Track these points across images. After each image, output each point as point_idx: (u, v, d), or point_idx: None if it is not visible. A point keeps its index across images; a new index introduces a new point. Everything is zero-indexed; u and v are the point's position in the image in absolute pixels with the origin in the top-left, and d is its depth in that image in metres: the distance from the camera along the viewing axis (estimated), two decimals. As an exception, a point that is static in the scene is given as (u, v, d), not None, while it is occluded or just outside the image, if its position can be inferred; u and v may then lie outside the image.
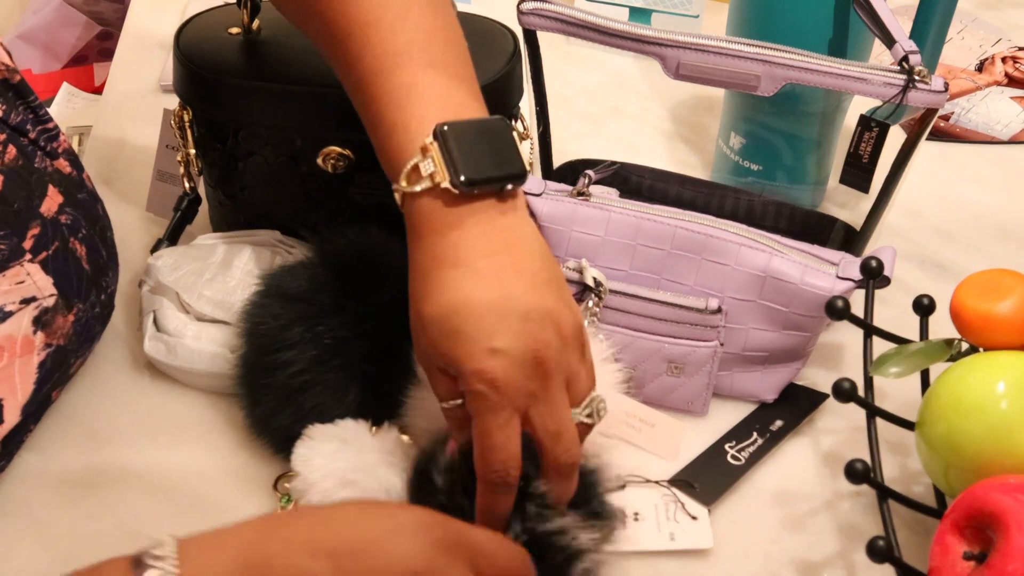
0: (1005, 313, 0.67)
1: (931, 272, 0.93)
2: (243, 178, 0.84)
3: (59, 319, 0.70)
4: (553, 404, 0.58)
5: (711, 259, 0.76)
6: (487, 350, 0.56)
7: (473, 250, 0.58)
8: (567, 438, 0.59)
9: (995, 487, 0.61)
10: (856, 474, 0.67)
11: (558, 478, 0.60)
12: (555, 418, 0.58)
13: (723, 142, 0.97)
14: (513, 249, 0.59)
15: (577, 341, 0.60)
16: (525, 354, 0.57)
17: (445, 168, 0.58)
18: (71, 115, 1.30)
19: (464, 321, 0.57)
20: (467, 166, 0.58)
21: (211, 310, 0.78)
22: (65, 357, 0.73)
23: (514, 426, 0.57)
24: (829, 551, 0.71)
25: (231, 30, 0.82)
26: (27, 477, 0.74)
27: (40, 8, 1.52)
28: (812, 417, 0.80)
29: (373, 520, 0.52)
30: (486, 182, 0.58)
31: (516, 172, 0.60)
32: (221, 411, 0.78)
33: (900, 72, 0.73)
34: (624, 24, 0.77)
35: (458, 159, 0.58)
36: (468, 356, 0.57)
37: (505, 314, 0.57)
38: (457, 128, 0.59)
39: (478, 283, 0.57)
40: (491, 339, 0.56)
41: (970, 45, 1.22)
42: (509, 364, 0.56)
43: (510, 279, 0.58)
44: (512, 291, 0.57)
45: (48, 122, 0.73)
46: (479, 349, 0.56)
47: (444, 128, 0.58)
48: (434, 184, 0.58)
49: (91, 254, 0.74)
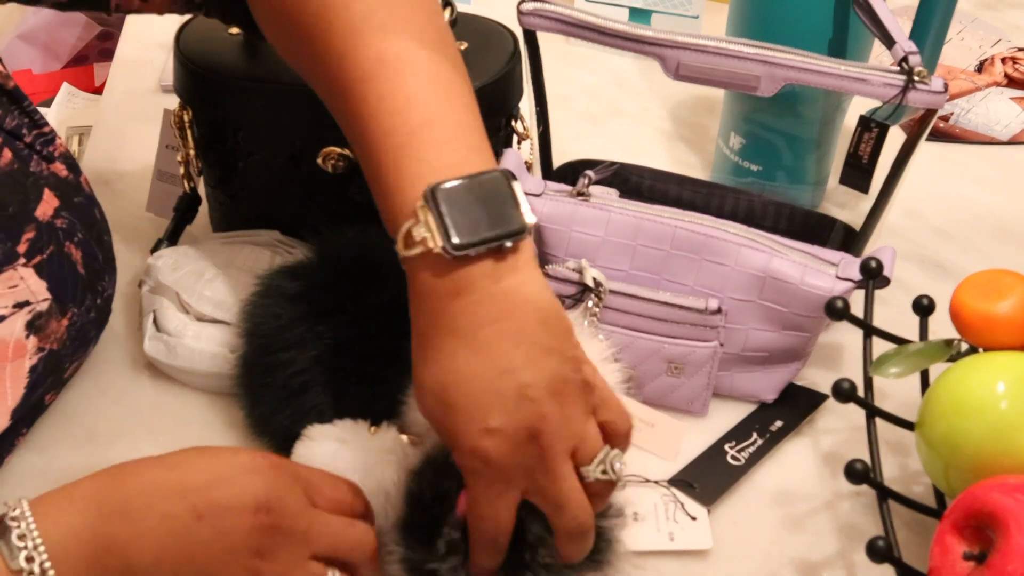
0: (1005, 313, 0.67)
1: (931, 272, 0.93)
2: (243, 178, 0.84)
3: (52, 324, 0.70)
4: (553, 475, 0.57)
5: (711, 259, 0.76)
6: (481, 430, 0.55)
7: (471, 319, 0.56)
8: (573, 507, 0.58)
9: (995, 487, 0.61)
10: (856, 474, 0.67)
11: (568, 543, 0.60)
12: (556, 490, 0.57)
13: (723, 142, 0.97)
14: (513, 315, 0.57)
15: (581, 401, 0.58)
16: (520, 431, 0.56)
17: (437, 232, 0.56)
18: (71, 115, 1.30)
19: (458, 397, 0.56)
20: (459, 229, 0.56)
21: (211, 310, 0.78)
22: (59, 362, 0.72)
23: (507, 499, 0.57)
24: (829, 551, 0.71)
25: (231, 30, 0.82)
26: (27, 477, 0.74)
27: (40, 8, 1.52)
28: (812, 417, 0.80)
29: (217, 459, 0.58)
30: (480, 243, 0.56)
31: (513, 229, 0.57)
32: (221, 411, 0.78)
33: (900, 72, 0.73)
34: (624, 24, 0.77)
35: (449, 222, 0.56)
36: (462, 433, 0.56)
37: (500, 392, 0.55)
38: (449, 189, 0.57)
39: (474, 356, 0.56)
40: (485, 419, 0.55)
41: (970, 46, 1.22)
42: (503, 443, 0.55)
43: (507, 350, 0.56)
44: (509, 364, 0.56)
45: (44, 126, 0.73)
46: (473, 428, 0.56)
47: (435, 190, 0.56)
48: (427, 249, 0.56)
49: (87, 258, 0.74)
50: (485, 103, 0.80)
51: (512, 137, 0.86)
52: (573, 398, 0.57)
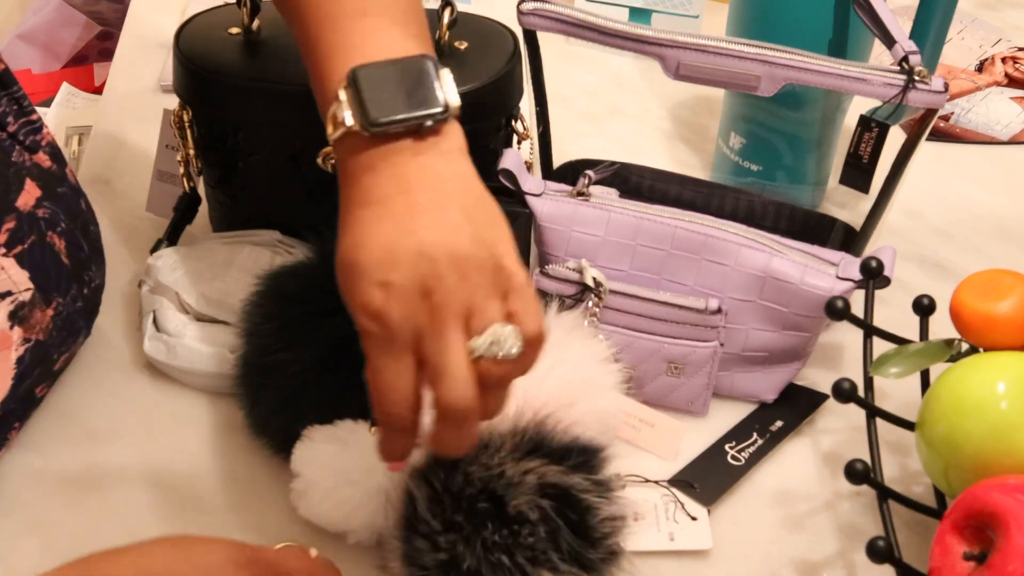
0: (1005, 313, 0.67)
1: (931, 272, 0.93)
2: (243, 178, 0.84)
3: (37, 313, 0.70)
4: (442, 341, 0.54)
5: (711, 259, 0.76)
6: (374, 282, 0.55)
7: (384, 189, 0.57)
8: (451, 378, 0.54)
9: (995, 487, 0.61)
10: (856, 474, 0.67)
11: (445, 424, 0.55)
12: (440, 357, 0.54)
13: (723, 142, 0.97)
14: (427, 188, 0.56)
15: (486, 279, 0.56)
16: (412, 286, 0.55)
17: (356, 112, 0.57)
18: (71, 115, 1.30)
19: (360, 256, 0.56)
20: (376, 107, 0.56)
21: (211, 310, 0.78)
22: (46, 352, 0.72)
23: (405, 364, 0.55)
24: (829, 551, 0.71)
25: (231, 30, 0.82)
26: (27, 477, 0.74)
27: (40, 8, 1.52)
28: (812, 417, 0.80)
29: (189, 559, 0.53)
30: (398, 121, 0.57)
31: (434, 111, 0.57)
32: (221, 411, 0.78)
33: (900, 72, 0.73)
34: (624, 24, 0.77)
35: (367, 101, 0.57)
36: (356, 289, 0.56)
37: (398, 249, 0.55)
38: (369, 70, 0.57)
39: (381, 220, 0.56)
40: (380, 271, 0.55)
41: (970, 45, 1.22)
42: (394, 297, 0.55)
43: (415, 215, 0.56)
44: (413, 227, 0.55)
45: (32, 114, 0.73)
46: (367, 282, 0.55)
47: (356, 71, 0.57)
48: (348, 129, 0.57)
49: (71, 248, 0.73)
50: (485, 103, 0.81)
51: (512, 137, 0.86)
52: (477, 272, 0.56)
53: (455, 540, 0.60)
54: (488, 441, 0.63)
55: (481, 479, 0.61)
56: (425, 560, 0.61)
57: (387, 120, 0.57)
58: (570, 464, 0.63)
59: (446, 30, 0.81)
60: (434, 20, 0.82)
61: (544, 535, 0.60)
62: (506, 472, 0.61)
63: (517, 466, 0.62)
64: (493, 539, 0.60)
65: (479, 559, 0.60)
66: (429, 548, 0.61)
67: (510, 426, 0.64)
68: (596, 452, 0.65)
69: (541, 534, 0.60)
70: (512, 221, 0.78)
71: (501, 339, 0.55)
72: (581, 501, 0.62)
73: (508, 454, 0.62)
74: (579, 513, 0.62)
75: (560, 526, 0.61)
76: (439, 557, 0.61)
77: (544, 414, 0.65)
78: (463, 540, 0.60)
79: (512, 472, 0.61)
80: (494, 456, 0.62)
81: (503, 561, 0.60)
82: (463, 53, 0.82)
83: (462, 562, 0.60)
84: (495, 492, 0.61)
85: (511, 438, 0.63)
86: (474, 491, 0.61)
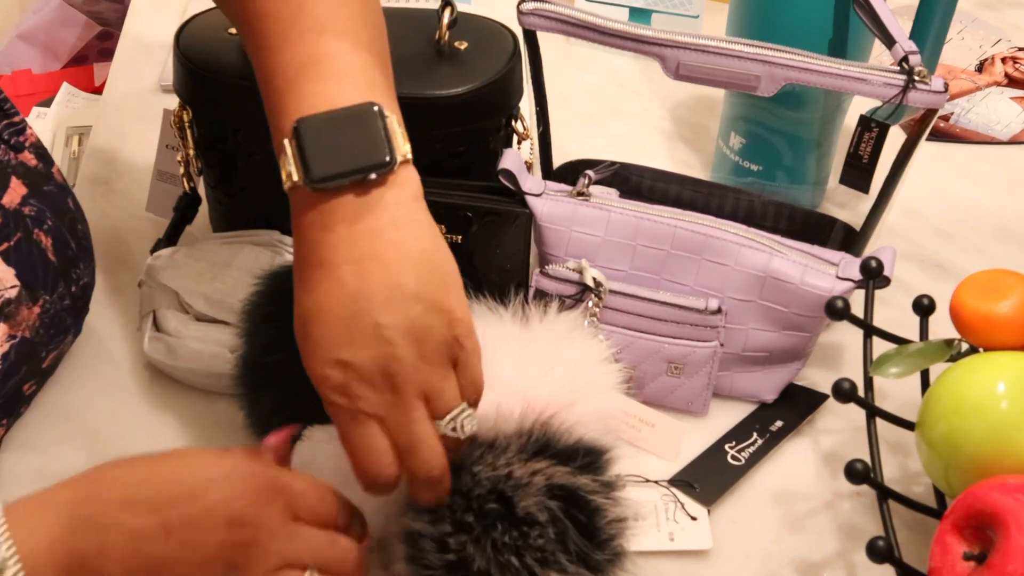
0: (1005, 313, 0.67)
1: (931, 272, 0.93)
2: (243, 178, 0.84)
3: (23, 311, 0.70)
4: (407, 417, 0.57)
5: (711, 259, 0.76)
6: (330, 360, 0.56)
7: (335, 253, 0.57)
8: (425, 451, 0.58)
9: (995, 487, 0.61)
10: (856, 474, 0.67)
11: (420, 488, 0.59)
12: (408, 432, 0.57)
13: (723, 142, 0.97)
14: (379, 257, 0.56)
15: (441, 355, 0.57)
16: (371, 367, 0.56)
17: (299, 166, 0.57)
18: (71, 115, 1.30)
19: (315, 327, 0.56)
20: (318, 163, 0.56)
21: (211, 310, 0.78)
22: (33, 349, 0.72)
23: (374, 429, 0.57)
24: (829, 551, 0.71)
25: (231, 30, 0.82)
26: (27, 477, 0.74)
27: (40, 8, 1.51)
28: (812, 417, 0.80)
29: (193, 470, 0.56)
30: (340, 176, 0.56)
31: (375, 162, 0.56)
32: (221, 411, 0.78)
33: (900, 72, 0.73)
34: (624, 24, 0.77)
35: (309, 155, 0.56)
36: (313, 361, 0.57)
37: (354, 327, 0.56)
38: (313, 122, 0.57)
39: (334, 289, 0.56)
40: (334, 351, 0.56)
41: (970, 45, 1.22)
42: (354, 376, 0.56)
43: (368, 289, 0.56)
44: (369, 303, 0.56)
45: (14, 116, 0.74)
46: (323, 357, 0.56)
47: (300, 123, 0.57)
48: (294, 183, 0.57)
49: (58, 245, 0.73)
50: (485, 103, 0.81)
51: (512, 137, 0.86)
52: (433, 347, 0.57)
53: (465, 541, 0.60)
54: (494, 442, 0.63)
55: (489, 479, 0.61)
56: (432, 560, 0.61)
57: (329, 175, 0.56)
58: (577, 465, 0.63)
59: (446, 30, 0.81)
60: (434, 20, 0.82)
61: (553, 536, 0.60)
62: (514, 473, 0.61)
63: (525, 467, 0.62)
64: (503, 540, 0.60)
65: (488, 560, 0.60)
66: (436, 549, 0.61)
67: (515, 427, 0.64)
68: (602, 453, 0.65)
69: (550, 535, 0.60)
70: (512, 221, 0.78)
71: (461, 424, 0.59)
72: (589, 502, 0.62)
73: (515, 455, 0.62)
74: (587, 514, 0.62)
75: (568, 527, 0.61)
76: (447, 558, 0.61)
77: (549, 415, 0.65)
78: (473, 541, 0.60)
79: (520, 473, 0.61)
80: (500, 457, 0.62)
81: (512, 562, 0.60)
82: (463, 53, 0.82)
83: (471, 563, 0.60)
84: (504, 493, 0.61)
85: (517, 439, 0.63)
86: (483, 492, 0.61)
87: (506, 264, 0.80)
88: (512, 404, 0.65)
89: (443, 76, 0.80)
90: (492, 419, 0.64)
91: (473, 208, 0.78)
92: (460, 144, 0.81)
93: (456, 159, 0.81)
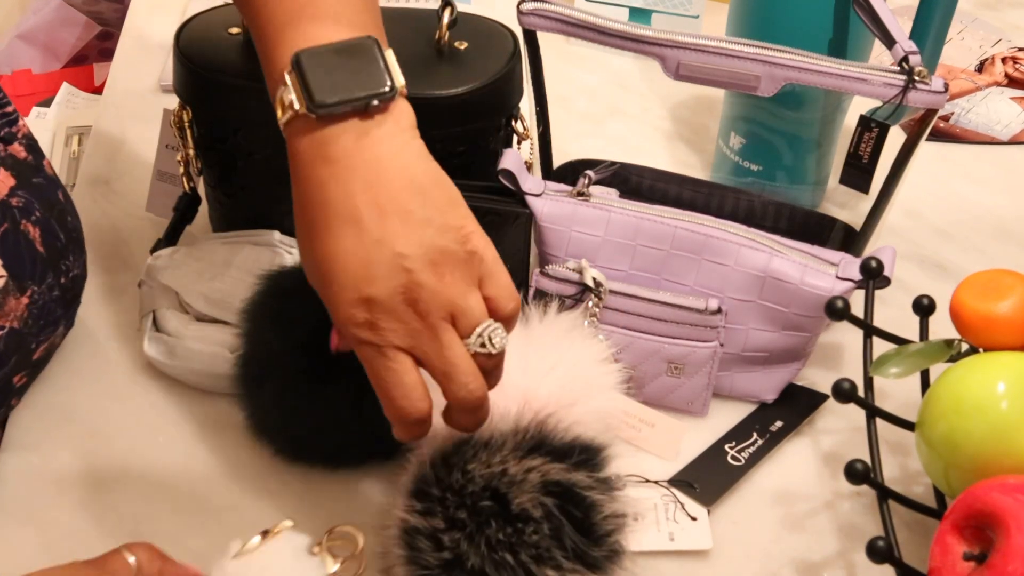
0: (1005, 313, 0.67)
1: (931, 272, 0.93)
2: (243, 178, 0.84)
3: (11, 301, 0.70)
4: (438, 342, 0.57)
5: (711, 259, 0.76)
6: (355, 299, 0.56)
7: (343, 188, 0.57)
8: (461, 374, 0.58)
9: (995, 487, 0.61)
10: (856, 474, 0.67)
11: (460, 413, 0.60)
12: (441, 357, 0.57)
13: (723, 142, 0.97)
14: (385, 183, 0.57)
15: (462, 271, 0.58)
16: (395, 299, 0.56)
17: (301, 94, 0.57)
18: (71, 115, 1.30)
19: (335, 270, 0.57)
20: (321, 89, 0.57)
21: (211, 310, 0.78)
22: (22, 341, 0.72)
23: (404, 364, 0.57)
24: (829, 551, 0.71)
25: (231, 30, 0.82)
26: (27, 477, 0.74)
27: (40, 8, 1.51)
28: (812, 417, 0.80)
29: None
30: (344, 102, 0.57)
31: (380, 90, 0.57)
32: (221, 411, 0.78)
33: (900, 72, 0.73)
34: (624, 24, 0.77)
35: (312, 83, 0.57)
36: (339, 304, 0.57)
37: (373, 262, 0.56)
38: (314, 53, 0.58)
39: (347, 228, 0.57)
40: (359, 288, 0.56)
41: (970, 45, 1.22)
42: (380, 311, 0.56)
43: (381, 220, 0.56)
44: (383, 234, 0.56)
45: (7, 106, 0.74)
46: (348, 298, 0.56)
47: (300, 54, 0.58)
48: (295, 112, 0.58)
49: (47, 237, 0.73)
50: (485, 103, 0.81)
51: (512, 137, 0.86)
52: (452, 268, 0.57)
53: (459, 538, 0.60)
54: (489, 440, 0.63)
55: (483, 476, 0.61)
56: (428, 560, 0.61)
57: (332, 101, 0.57)
58: (572, 462, 0.63)
59: (446, 30, 0.81)
60: (434, 20, 0.82)
61: (548, 533, 0.60)
62: (508, 470, 0.61)
63: (519, 464, 0.62)
64: (497, 537, 0.60)
65: (483, 557, 0.60)
66: (431, 547, 0.61)
67: (511, 425, 0.64)
68: (598, 451, 0.65)
69: (545, 532, 0.60)
70: (512, 221, 0.78)
71: (488, 337, 0.59)
72: (584, 499, 0.62)
73: (510, 452, 0.62)
74: (583, 510, 0.62)
75: (564, 524, 0.61)
76: (443, 556, 0.61)
77: (545, 414, 0.65)
78: (467, 538, 0.60)
79: (515, 470, 0.61)
80: (496, 454, 0.62)
81: (507, 559, 0.60)
82: (463, 53, 0.82)
83: (466, 560, 0.60)
84: (498, 490, 0.61)
85: (512, 437, 0.63)
86: (476, 489, 0.61)
87: (506, 264, 0.80)
88: (511, 403, 0.65)
89: (443, 76, 0.80)
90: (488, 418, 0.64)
91: (473, 208, 0.77)
92: (460, 144, 0.81)
93: (456, 159, 0.81)
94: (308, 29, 0.59)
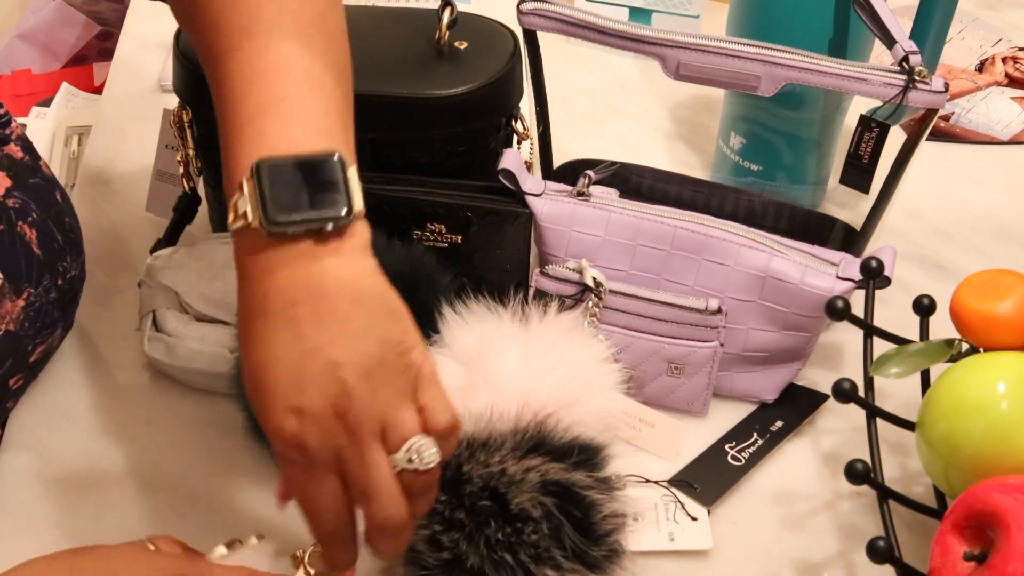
0: (1005, 313, 0.67)
1: (931, 272, 0.93)
2: (243, 178, 0.84)
3: (6, 303, 0.70)
4: (361, 460, 0.54)
5: (711, 259, 0.76)
6: (285, 408, 0.54)
7: (283, 298, 0.55)
8: (382, 496, 0.55)
9: (995, 487, 0.61)
10: (856, 474, 0.67)
11: (378, 537, 0.56)
12: (364, 477, 0.55)
13: (723, 142, 0.97)
14: (326, 296, 0.55)
15: (397, 383, 0.55)
16: (325, 410, 0.54)
17: (257, 207, 0.55)
18: (71, 115, 1.30)
19: (267, 377, 0.55)
20: (277, 205, 0.54)
21: (211, 310, 0.78)
22: (18, 343, 0.72)
23: (330, 484, 0.55)
24: (829, 551, 0.71)
25: (231, 30, 0.82)
26: (27, 477, 0.74)
27: (40, 8, 1.51)
28: (812, 417, 0.80)
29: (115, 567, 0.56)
30: (298, 223, 0.55)
31: (335, 214, 0.55)
32: (221, 411, 0.78)
33: (900, 72, 0.73)
34: (624, 24, 0.77)
35: (269, 197, 0.54)
36: (268, 413, 0.55)
37: (306, 371, 0.54)
38: (275, 164, 0.55)
39: (283, 336, 0.54)
40: (289, 398, 0.54)
41: (970, 45, 1.22)
42: (308, 423, 0.54)
43: (317, 330, 0.54)
44: (317, 343, 0.54)
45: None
46: (278, 407, 0.54)
47: (261, 164, 0.55)
48: (247, 223, 0.55)
49: (43, 238, 0.73)
50: (485, 103, 0.81)
51: (512, 137, 0.86)
52: (386, 380, 0.55)
53: (458, 538, 0.60)
54: (488, 440, 0.63)
55: (481, 477, 0.61)
56: (428, 560, 0.61)
57: (287, 220, 0.55)
58: (572, 462, 0.63)
59: (446, 30, 0.81)
60: (434, 20, 0.82)
61: (547, 532, 0.60)
62: (507, 470, 0.61)
63: (518, 464, 0.62)
64: (496, 537, 0.60)
65: (482, 557, 0.60)
66: (431, 548, 0.61)
67: (511, 426, 0.64)
68: (597, 450, 0.65)
69: (544, 531, 0.60)
70: (512, 221, 0.78)
71: (418, 452, 0.55)
72: (584, 498, 0.62)
73: (509, 452, 0.62)
74: (582, 510, 0.62)
75: (563, 523, 0.61)
76: (443, 556, 0.61)
77: (545, 414, 0.65)
78: (466, 538, 0.60)
79: (513, 470, 0.61)
80: (494, 455, 0.62)
81: (506, 559, 0.60)
82: (463, 53, 0.82)
83: (465, 560, 0.60)
84: (497, 490, 0.61)
85: (511, 437, 0.63)
86: (475, 489, 0.61)
87: (506, 264, 0.80)
88: (511, 404, 0.65)
89: (443, 76, 0.80)
90: (487, 418, 0.64)
91: (473, 208, 0.78)
92: (460, 144, 0.81)
93: (456, 159, 0.81)
94: (273, 130, 0.57)
